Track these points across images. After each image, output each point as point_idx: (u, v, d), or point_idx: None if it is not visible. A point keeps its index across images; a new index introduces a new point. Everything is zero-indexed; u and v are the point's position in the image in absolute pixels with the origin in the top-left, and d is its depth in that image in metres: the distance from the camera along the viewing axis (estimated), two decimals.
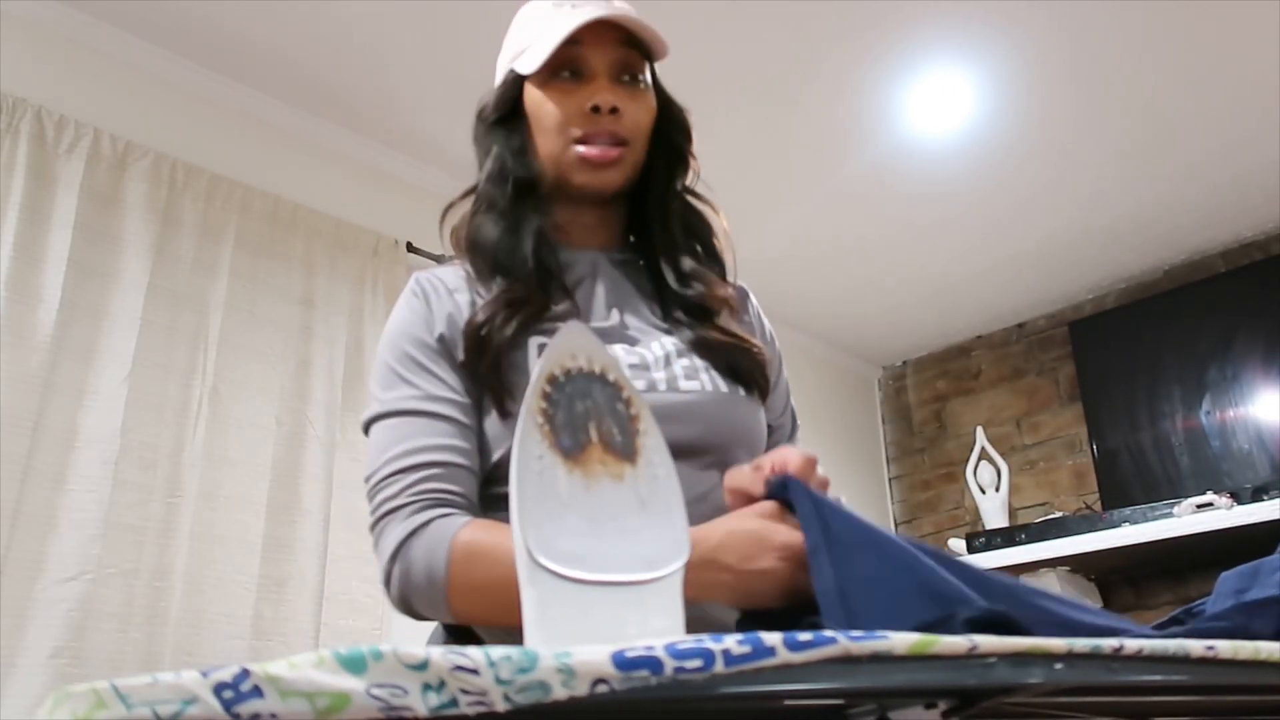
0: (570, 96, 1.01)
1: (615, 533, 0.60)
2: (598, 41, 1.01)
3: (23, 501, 1.80)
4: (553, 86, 1.02)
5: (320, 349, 2.33)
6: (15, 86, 2.03)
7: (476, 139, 1.09)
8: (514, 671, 0.40)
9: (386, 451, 0.92)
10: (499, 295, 0.98)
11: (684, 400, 0.96)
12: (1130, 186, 3.02)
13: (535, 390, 0.61)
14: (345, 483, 2.26)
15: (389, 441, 0.93)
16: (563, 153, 1.01)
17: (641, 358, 0.97)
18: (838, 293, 3.56)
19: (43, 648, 1.75)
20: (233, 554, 2.04)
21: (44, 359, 1.89)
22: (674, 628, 0.59)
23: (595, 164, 1.00)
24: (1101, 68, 2.50)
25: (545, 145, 1.02)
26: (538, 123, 1.03)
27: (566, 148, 1.01)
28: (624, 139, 1.01)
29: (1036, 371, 3.74)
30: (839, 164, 2.85)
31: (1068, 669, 0.50)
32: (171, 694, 0.35)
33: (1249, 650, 0.59)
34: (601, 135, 1.00)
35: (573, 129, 1.00)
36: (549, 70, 1.01)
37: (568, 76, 1.01)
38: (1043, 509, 3.53)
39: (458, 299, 1.01)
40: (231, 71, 2.39)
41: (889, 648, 0.47)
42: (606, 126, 1.00)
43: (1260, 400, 3.08)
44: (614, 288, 1.06)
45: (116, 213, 2.10)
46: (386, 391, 0.96)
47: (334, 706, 0.37)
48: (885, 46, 2.42)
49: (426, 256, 2.65)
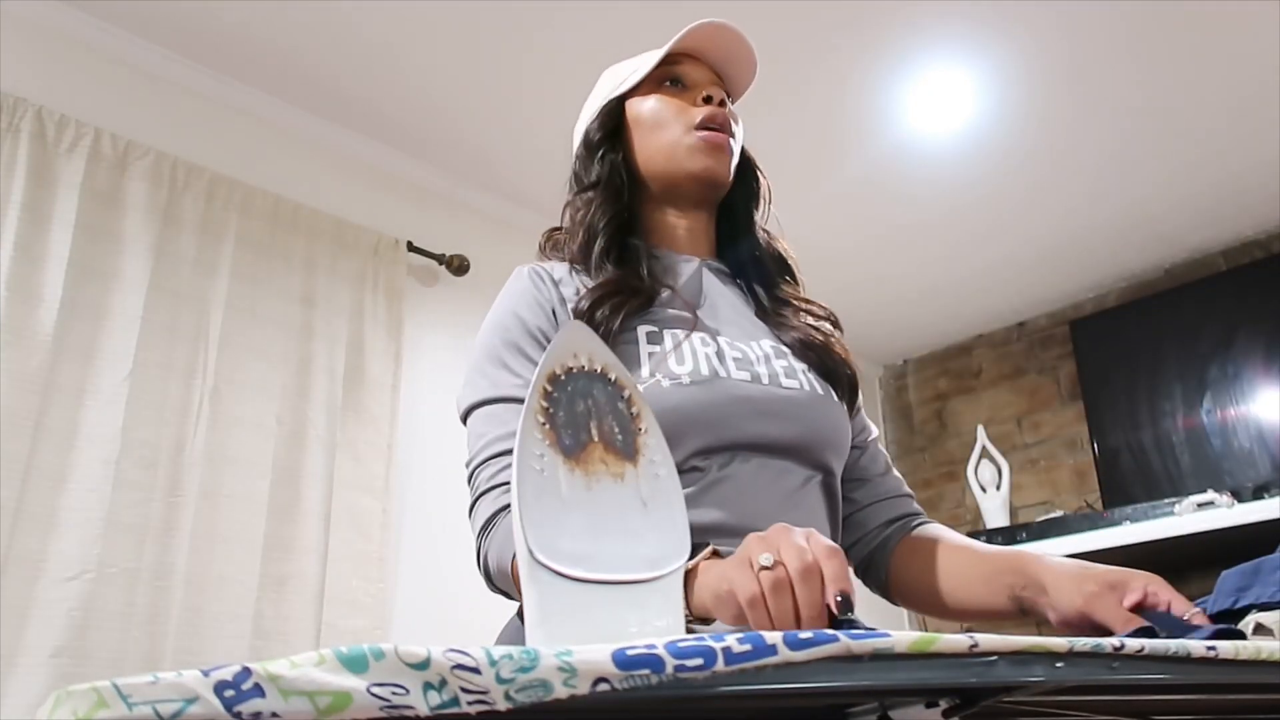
0: (681, 95, 1.10)
1: (616, 532, 0.60)
2: (694, 65, 1.12)
3: (24, 501, 1.81)
4: (661, 93, 1.11)
5: (321, 348, 2.33)
6: (16, 86, 2.03)
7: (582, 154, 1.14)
8: (515, 670, 0.40)
9: (484, 437, 0.93)
10: (608, 282, 1.01)
11: (787, 396, 0.99)
12: (1131, 185, 3.01)
13: (536, 389, 0.60)
14: (346, 482, 2.26)
15: (488, 427, 0.94)
16: (682, 138, 1.07)
17: (744, 353, 1.00)
18: (838, 291, 3.55)
19: (44, 647, 1.75)
20: (234, 553, 2.03)
21: (45, 358, 1.89)
22: (675, 627, 0.59)
23: (713, 150, 1.07)
24: (1102, 67, 2.50)
25: (661, 138, 1.08)
26: (652, 121, 1.10)
27: (687, 132, 1.07)
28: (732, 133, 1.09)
29: (1037, 370, 3.74)
30: (839, 164, 2.85)
31: (1069, 667, 0.50)
32: (173, 693, 0.35)
33: (1250, 650, 0.59)
34: (718, 121, 1.07)
35: (691, 115, 1.08)
36: (653, 82, 1.11)
37: (671, 85, 1.11)
38: (1044, 507, 3.53)
39: (564, 290, 1.03)
40: (232, 71, 2.39)
41: (890, 646, 0.47)
42: (721, 117, 1.08)
43: (1261, 398, 3.08)
44: (716, 288, 1.10)
45: (117, 212, 2.09)
46: (485, 378, 0.97)
47: (335, 705, 0.37)
48: (885, 46, 2.42)
49: (427, 256, 2.65)
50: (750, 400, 0.96)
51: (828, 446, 1.01)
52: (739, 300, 1.11)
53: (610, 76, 1.17)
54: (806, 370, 1.03)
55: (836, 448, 1.03)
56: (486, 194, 2.85)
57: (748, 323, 1.08)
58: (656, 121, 1.09)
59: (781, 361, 1.02)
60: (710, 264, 1.12)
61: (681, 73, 1.11)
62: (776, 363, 1.02)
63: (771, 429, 0.96)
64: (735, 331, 1.04)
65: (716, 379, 0.95)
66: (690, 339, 0.99)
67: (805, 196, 2.99)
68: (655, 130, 1.09)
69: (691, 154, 1.07)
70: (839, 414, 1.04)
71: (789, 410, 0.98)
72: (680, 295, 1.04)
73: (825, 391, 1.03)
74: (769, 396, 0.97)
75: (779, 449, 0.97)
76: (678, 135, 1.07)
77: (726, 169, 1.09)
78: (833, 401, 1.04)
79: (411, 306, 2.59)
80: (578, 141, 1.16)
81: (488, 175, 2.78)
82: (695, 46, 1.12)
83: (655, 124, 1.09)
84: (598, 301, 0.98)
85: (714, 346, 0.99)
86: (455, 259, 2.69)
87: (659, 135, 1.08)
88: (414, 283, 2.65)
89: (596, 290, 0.99)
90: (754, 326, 1.08)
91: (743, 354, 1.00)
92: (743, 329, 1.06)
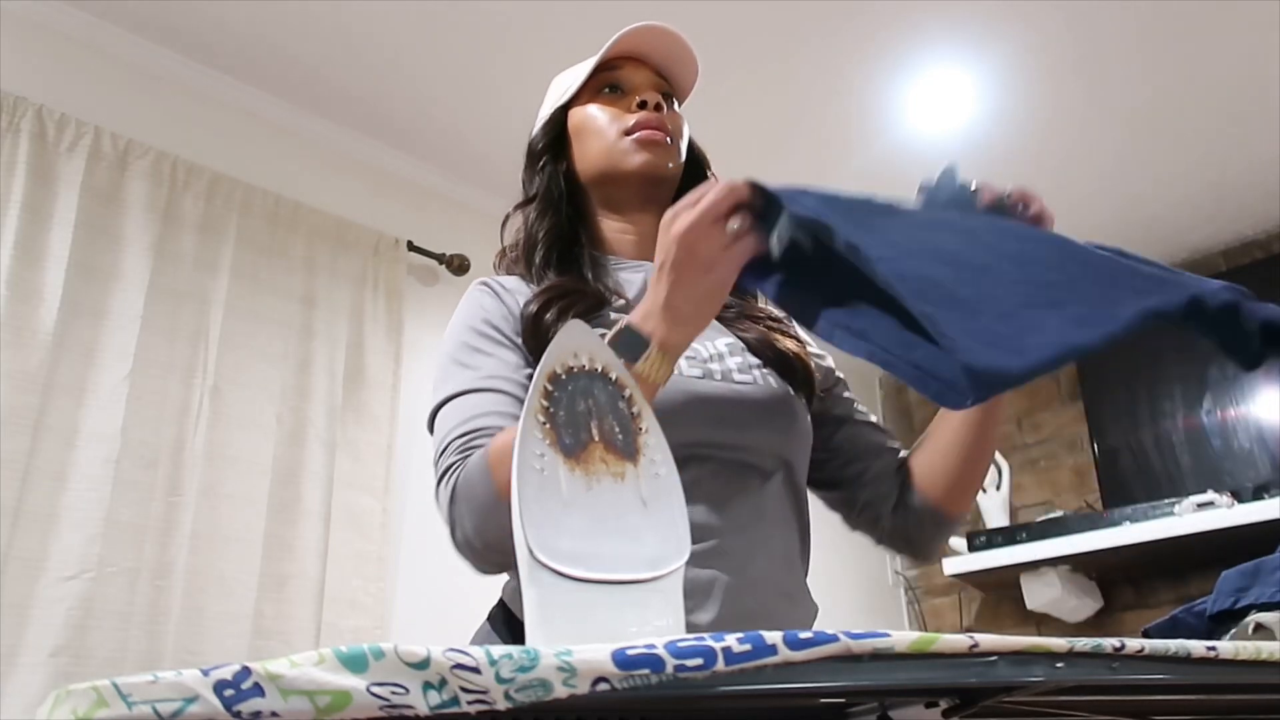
0: (617, 102, 1.10)
1: (616, 532, 0.60)
2: (635, 68, 1.11)
3: (24, 500, 1.80)
4: (599, 100, 1.10)
5: (321, 348, 2.33)
6: (16, 85, 2.03)
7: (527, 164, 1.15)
8: (515, 670, 0.40)
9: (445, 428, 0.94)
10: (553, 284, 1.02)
11: (740, 392, 0.98)
12: (1131, 185, 3.01)
13: (536, 389, 0.60)
14: (346, 481, 2.26)
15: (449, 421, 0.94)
16: (616, 142, 1.07)
17: (696, 351, 1.00)
18: None
19: (44, 646, 1.74)
20: (234, 552, 2.03)
21: (45, 357, 1.89)
22: (675, 626, 0.59)
23: (648, 142, 1.06)
24: (1102, 66, 2.50)
25: (597, 144, 1.08)
26: (588, 127, 1.10)
27: (619, 137, 1.07)
28: (670, 134, 1.08)
29: None
30: (839, 164, 2.85)
31: (1069, 667, 0.50)
32: (172, 692, 0.35)
33: (1249, 650, 0.59)
34: (651, 123, 1.07)
35: (624, 121, 1.07)
36: (592, 90, 1.10)
37: (609, 92, 1.10)
38: (1044, 508, 3.52)
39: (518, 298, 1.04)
40: (232, 70, 2.39)
41: (890, 646, 0.47)
42: (655, 119, 1.07)
43: (1261, 399, 3.08)
44: None
45: (117, 211, 2.09)
46: (445, 383, 0.98)
47: (335, 705, 0.37)
48: (886, 45, 2.42)
49: (427, 255, 2.65)
50: (701, 397, 0.95)
51: (787, 441, 1.01)
52: None
53: (557, 85, 1.17)
54: (761, 366, 1.03)
55: (797, 441, 1.02)
56: (486, 194, 2.84)
57: None
58: (592, 129, 1.09)
59: (736, 358, 1.02)
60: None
61: (620, 78, 1.11)
62: (730, 359, 1.01)
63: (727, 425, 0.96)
64: None
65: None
66: None
67: None
68: (591, 137, 1.09)
69: (626, 155, 1.07)
70: (797, 408, 1.03)
71: (744, 406, 0.98)
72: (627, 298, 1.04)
73: (781, 387, 1.02)
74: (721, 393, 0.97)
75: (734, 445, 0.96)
76: (612, 140, 1.07)
77: (666, 162, 1.08)
78: (789, 397, 1.03)
79: (411, 306, 2.59)
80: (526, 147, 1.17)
81: (488, 175, 2.78)
82: (634, 49, 1.11)
83: (590, 131, 1.09)
84: (546, 304, 0.99)
85: None
86: (455, 259, 2.69)
87: (595, 142, 1.08)
88: (414, 282, 2.65)
89: (543, 294, 1.00)
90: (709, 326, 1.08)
91: (695, 352, 0.99)
92: None
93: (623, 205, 1.10)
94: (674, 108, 1.12)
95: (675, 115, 1.11)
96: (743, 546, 0.93)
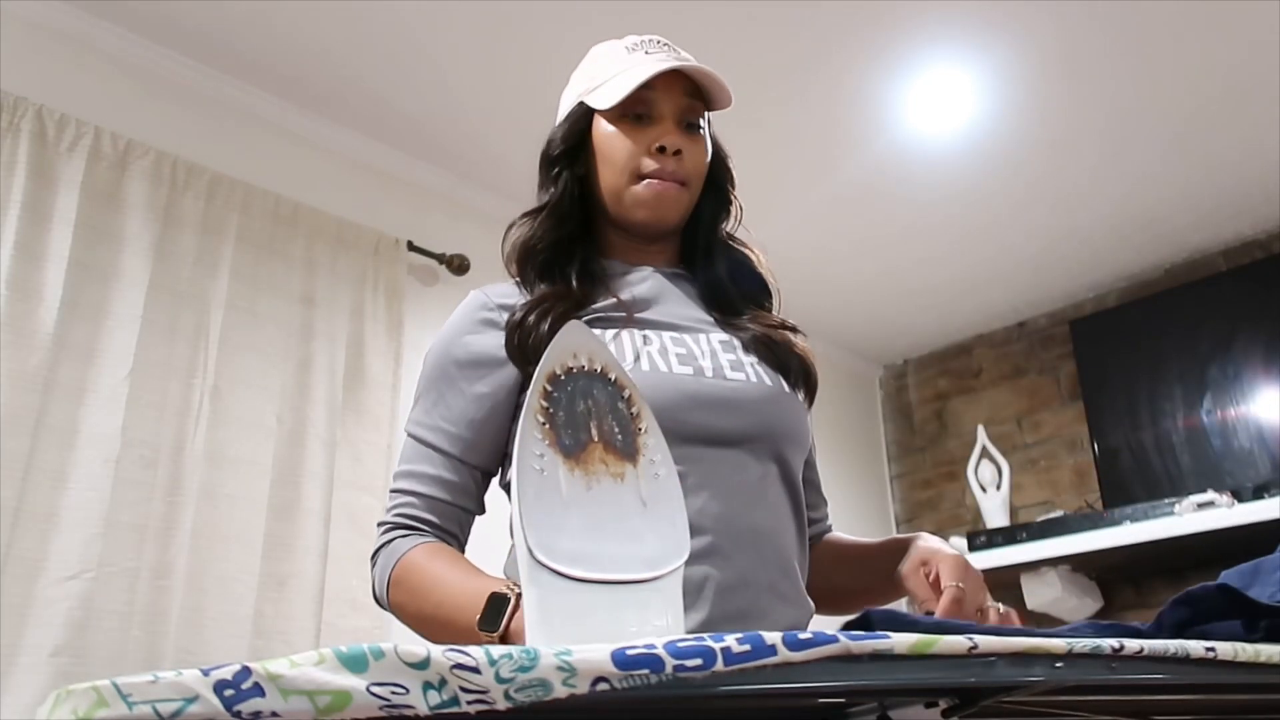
0: (639, 135, 1.07)
1: (616, 532, 0.60)
2: (667, 89, 1.07)
3: (24, 500, 1.80)
4: (623, 124, 1.08)
5: (321, 348, 2.33)
6: (16, 85, 2.03)
7: (542, 165, 1.14)
8: (515, 670, 0.40)
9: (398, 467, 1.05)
10: (540, 293, 1.04)
11: (732, 388, 0.99)
12: (1131, 185, 3.01)
13: (536, 389, 0.60)
14: (346, 481, 2.26)
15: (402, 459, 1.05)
16: (626, 188, 1.07)
17: (688, 348, 1.00)
18: (838, 292, 3.56)
19: (44, 646, 1.74)
20: (234, 552, 2.03)
21: (45, 357, 1.89)
22: (675, 626, 0.59)
23: (655, 203, 1.06)
24: (1102, 67, 2.50)
25: (610, 179, 1.08)
26: (605, 156, 1.08)
27: (631, 183, 1.06)
28: (684, 180, 1.07)
29: (1037, 370, 3.74)
30: (839, 164, 2.85)
31: (1068, 668, 0.51)
32: (172, 692, 0.35)
33: (1249, 651, 0.59)
34: (665, 174, 1.06)
35: (639, 165, 1.06)
36: (620, 109, 1.07)
37: (636, 118, 1.08)
38: (1044, 507, 3.52)
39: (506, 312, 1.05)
40: (232, 70, 2.39)
41: (889, 646, 0.47)
42: (670, 167, 1.06)
43: (1261, 399, 3.07)
44: (664, 289, 1.10)
45: (117, 211, 2.09)
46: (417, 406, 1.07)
47: (335, 704, 0.37)
48: (885, 46, 2.42)
49: (427, 255, 2.65)
50: (691, 393, 0.95)
51: (781, 438, 1.00)
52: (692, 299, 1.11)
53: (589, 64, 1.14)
54: (756, 363, 1.03)
55: (791, 439, 1.02)
56: (486, 194, 2.84)
57: (697, 319, 1.08)
58: (607, 160, 1.08)
59: (729, 355, 1.02)
60: (664, 270, 1.12)
61: (649, 101, 1.07)
62: (723, 356, 1.01)
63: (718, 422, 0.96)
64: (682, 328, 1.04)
65: (656, 373, 0.96)
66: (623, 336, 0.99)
67: (806, 196, 2.99)
68: (607, 165, 1.08)
69: (635, 205, 1.07)
70: (792, 405, 1.03)
71: (734, 402, 0.98)
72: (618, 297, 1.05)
73: (775, 383, 1.02)
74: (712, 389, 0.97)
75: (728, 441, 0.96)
76: (624, 182, 1.06)
77: (669, 218, 1.08)
78: (784, 393, 1.03)
79: (411, 306, 2.59)
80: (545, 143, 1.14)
81: (488, 175, 2.78)
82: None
83: (608, 159, 1.08)
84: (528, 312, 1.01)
85: (656, 343, 0.99)
86: (455, 259, 2.69)
87: (609, 172, 1.08)
88: (414, 282, 2.65)
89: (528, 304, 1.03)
90: (704, 323, 1.07)
91: (686, 349, 1.00)
92: (690, 326, 1.06)
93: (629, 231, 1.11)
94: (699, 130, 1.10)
95: (696, 148, 1.09)
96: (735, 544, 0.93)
